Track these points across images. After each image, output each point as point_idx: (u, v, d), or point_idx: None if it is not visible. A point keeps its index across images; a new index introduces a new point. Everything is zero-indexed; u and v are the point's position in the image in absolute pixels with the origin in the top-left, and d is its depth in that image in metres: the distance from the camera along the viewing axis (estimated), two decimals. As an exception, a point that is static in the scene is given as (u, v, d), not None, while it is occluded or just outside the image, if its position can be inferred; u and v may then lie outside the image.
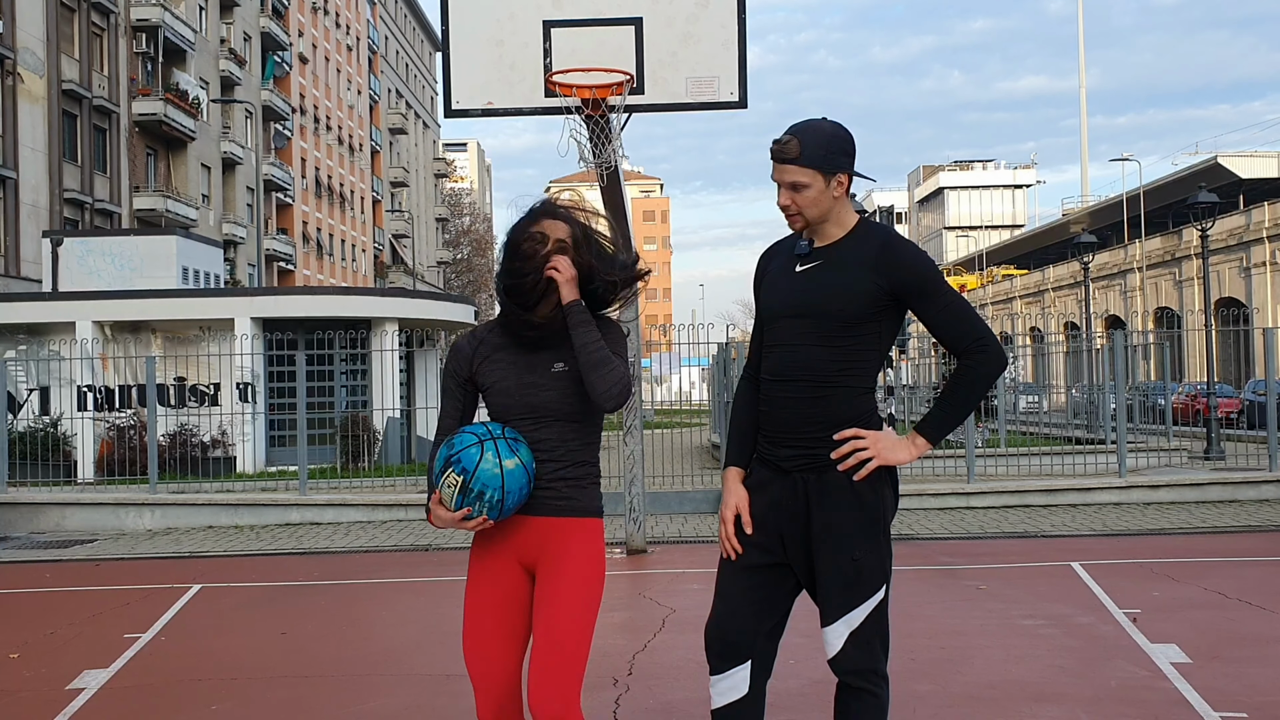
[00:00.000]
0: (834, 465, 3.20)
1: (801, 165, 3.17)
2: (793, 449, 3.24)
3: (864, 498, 3.21)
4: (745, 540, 3.33)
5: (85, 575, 10.59)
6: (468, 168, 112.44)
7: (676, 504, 13.95)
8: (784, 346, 3.24)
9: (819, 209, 3.21)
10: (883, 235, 3.24)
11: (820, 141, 3.19)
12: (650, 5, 9.76)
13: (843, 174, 3.20)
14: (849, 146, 3.23)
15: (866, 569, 3.20)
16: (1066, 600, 7.91)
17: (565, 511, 3.25)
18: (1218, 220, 30.46)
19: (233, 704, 5.81)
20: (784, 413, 3.24)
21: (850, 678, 3.24)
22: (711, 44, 9.80)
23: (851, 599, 3.20)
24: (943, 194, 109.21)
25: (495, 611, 3.27)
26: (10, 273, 33.77)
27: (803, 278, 3.24)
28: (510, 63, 9.77)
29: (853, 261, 3.19)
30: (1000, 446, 19.51)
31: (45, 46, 36.58)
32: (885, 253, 3.18)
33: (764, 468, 3.34)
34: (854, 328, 3.17)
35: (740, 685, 3.31)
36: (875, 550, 3.22)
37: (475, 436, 3.13)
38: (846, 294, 3.16)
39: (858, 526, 3.20)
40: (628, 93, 9.55)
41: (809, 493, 3.22)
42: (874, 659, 3.24)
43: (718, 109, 9.96)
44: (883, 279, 3.15)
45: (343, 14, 68.13)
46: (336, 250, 65.97)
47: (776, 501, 3.27)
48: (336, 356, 18.56)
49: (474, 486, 3.07)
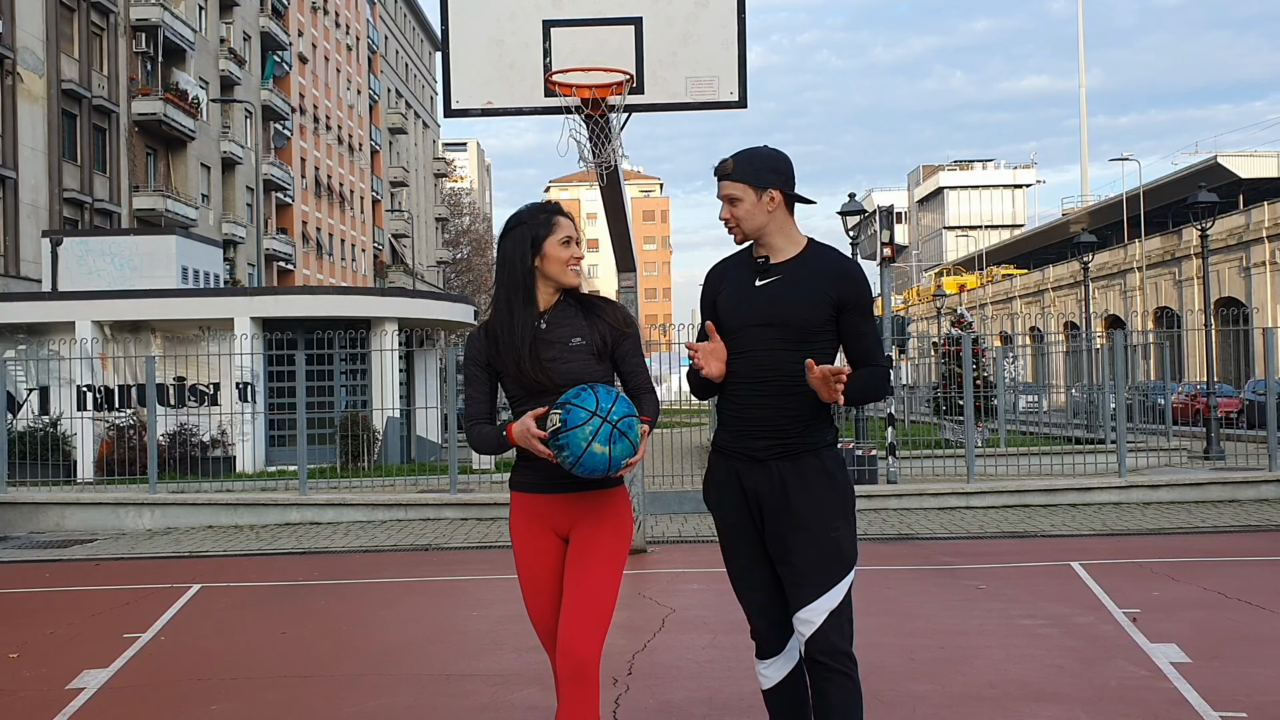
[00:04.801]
0: (806, 452, 3.52)
1: (734, 180, 3.57)
2: (767, 440, 3.53)
3: (836, 478, 3.54)
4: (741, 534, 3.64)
5: (85, 575, 10.59)
6: (467, 168, 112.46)
7: (676, 504, 13.95)
8: (753, 353, 3.54)
9: (754, 222, 3.57)
10: (837, 254, 3.64)
11: (751, 160, 3.59)
12: (650, 5, 9.75)
13: (774, 189, 3.55)
14: (780, 166, 3.59)
15: (844, 546, 3.51)
16: (1066, 600, 7.91)
17: (591, 485, 3.57)
18: (1218, 220, 30.45)
19: (233, 704, 5.81)
20: (755, 410, 3.54)
21: (825, 658, 3.44)
22: (711, 44, 9.79)
23: (830, 576, 3.46)
24: (943, 194, 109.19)
25: (547, 582, 3.64)
26: (10, 272, 33.76)
27: (765, 291, 3.57)
28: (510, 62, 9.76)
29: (811, 276, 3.55)
30: (1000, 446, 19.50)
31: (45, 46, 36.57)
32: (842, 267, 3.57)
33: (732, 460, 3.61)
34: (815, 333, 3.53)
35: (793, 656, 3.64)
36: (849, 528, 3.55)
37: (588, 411, 3.36)
38: (808, 305, 3.51)
39: (835, 504, 3.52)
40: (627, 92, 9.54)
41: (785, 477, 3.51)
42: (846, 640, 3.48)
43: (718, 109, 9.94)
44: (835, 290, 3.52)
45: (342, 14, 68.11)
46: (336, 250, 65.95)
47: (755, 489, 3.55)
48: (336, 356, 18.56)
49: (562, 440, 3.36)
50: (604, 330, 3.62)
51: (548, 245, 3.58)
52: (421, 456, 20.23)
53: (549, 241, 3.58)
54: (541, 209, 3.65)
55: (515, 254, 3.59)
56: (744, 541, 3.62)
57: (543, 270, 3.59)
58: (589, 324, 3.62)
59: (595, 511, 3.59)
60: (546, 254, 3.58)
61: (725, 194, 3.58)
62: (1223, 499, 13.85)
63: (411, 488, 15.48)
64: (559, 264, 3.59)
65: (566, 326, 3.60)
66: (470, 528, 12.86)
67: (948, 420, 22.46)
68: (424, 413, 21.00)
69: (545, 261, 3.59)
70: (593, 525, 3.58)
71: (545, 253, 3.58)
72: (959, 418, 19.93)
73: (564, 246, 3.59)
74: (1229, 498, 13.90)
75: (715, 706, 5.39)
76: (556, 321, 3.61)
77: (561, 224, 3.60)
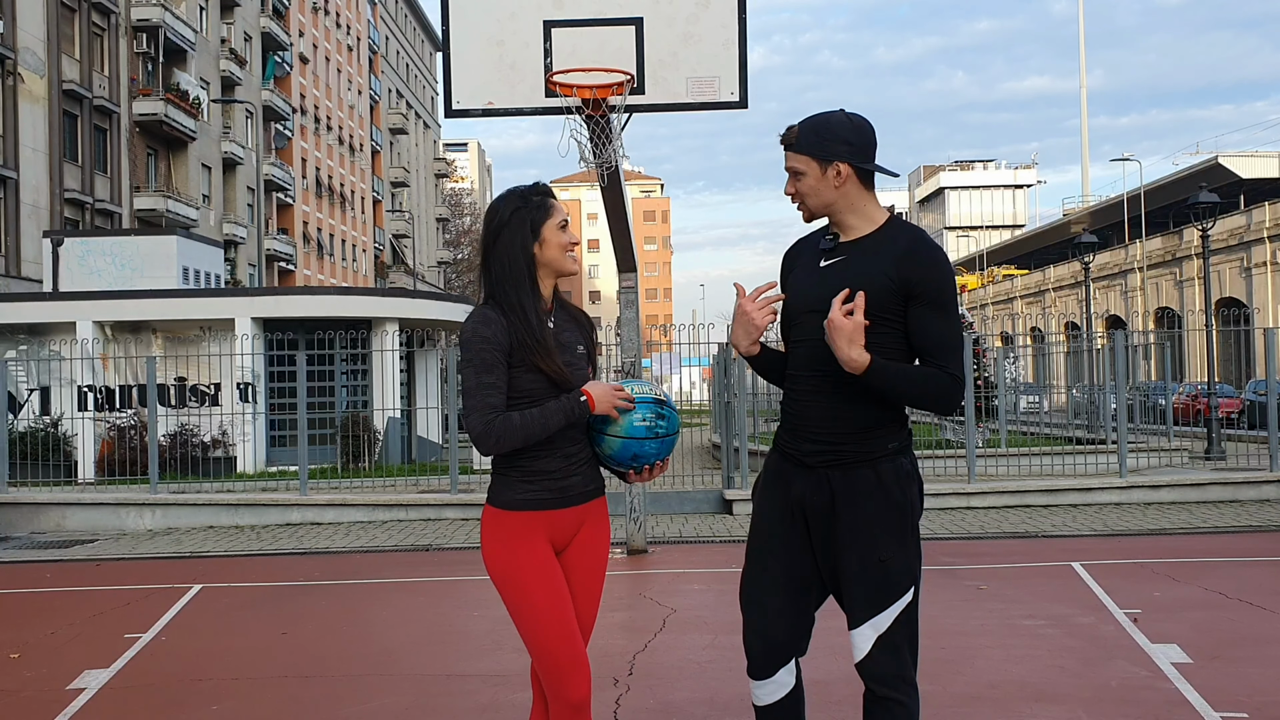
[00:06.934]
0: (861, 462, 3.15)
1: (797, 152, 3.19)
2: (817, 444, 3.19)
3: (891, 495, 3.15)
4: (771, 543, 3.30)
5: (86, 575, 10.59)
6: (468, 168, 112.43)
7: (677, 504, 13.95)
8: (810, 341, 3.19)
9: (818, 198, 3.19)
10: (914, 232, 3.21)
11: (817, 128, 3.18)
12: (651, 5, 9.75)
13: (840, 163, 3.14)
14: (852, 136, 3.16)
15: (895, 570, 3.14)
16: (1067, 600, 7.91)
17: (591, 495, 3.38)
18: (1218, 220, 30.43)
19: (233, 704, 5.81)
20: (810, 408, 3.21)
21: (877, 685, 3.14)
22: (712, 44, 9.79)
23: (879, 601, 3.13)
24: (943, 194, 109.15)
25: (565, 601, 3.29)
26: (11, 273, 33.76)
27: (826, 273, 3.20)
28: (511, 63, 9.77)
29: (876, 255, 3.13)
30: (1001, 446, 19.49)
31: (46, 46, 36.58)
32: (914, 247, 3.13)
33: (784, 461, 3.29)
34: (876, 321, 3.08)
35: (786, 682, 3.31)
36: (903, 550, 3.16)
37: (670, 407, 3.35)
38: (866, 287, 3.09)
39: (886, 525, 3.14)
40: (628, 93, 9.54)
41: (834, 489, 3.17)
42: (902, 665, 3.15)
43: (718, 109, 9.94)
44: (901, 273, 3.09)
45: (343, 14, 68.11)
46: (337, 250, 65.95)
47: (801, 497, 3.22)
48: (337, 356, 18.55)
49: (666, 411, 3.30)
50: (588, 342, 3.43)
51: (546, 230, 3.27)
52: (422, 457, 20.24)
53: (547, 226, 3.27)
54: (534, 191, 3.32)
55: (516, 241, 3.26)
56: (769, 547, 3.28)
57: (541, 258, 3.28)
58: (581, 333, 3.41)
59: (586, 529, 3.37)
60: (545, 239, 3.27)
61: (789, 166, 3.21)
62: (1224, 499, 13.85)
63: (412, 488, 15.47)
64: (558, 250, 3.28)
65: (569, 331, 3.36)
66: (471, 528, 12.85)
67: (948, 420, 22.46)
68: (425, 413, 21.00)
69: (544, 248, 3.27)
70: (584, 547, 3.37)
71: (544, 238, 3.27)
72: (960, 418, 19.91)
73: (562, 231, 3.29)
74: (1230, 498, 13.90)
75: (716, 707, 5.39)
76: (560, 325, 3.35)
77: (556, 207, 3.31)
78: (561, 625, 3.23)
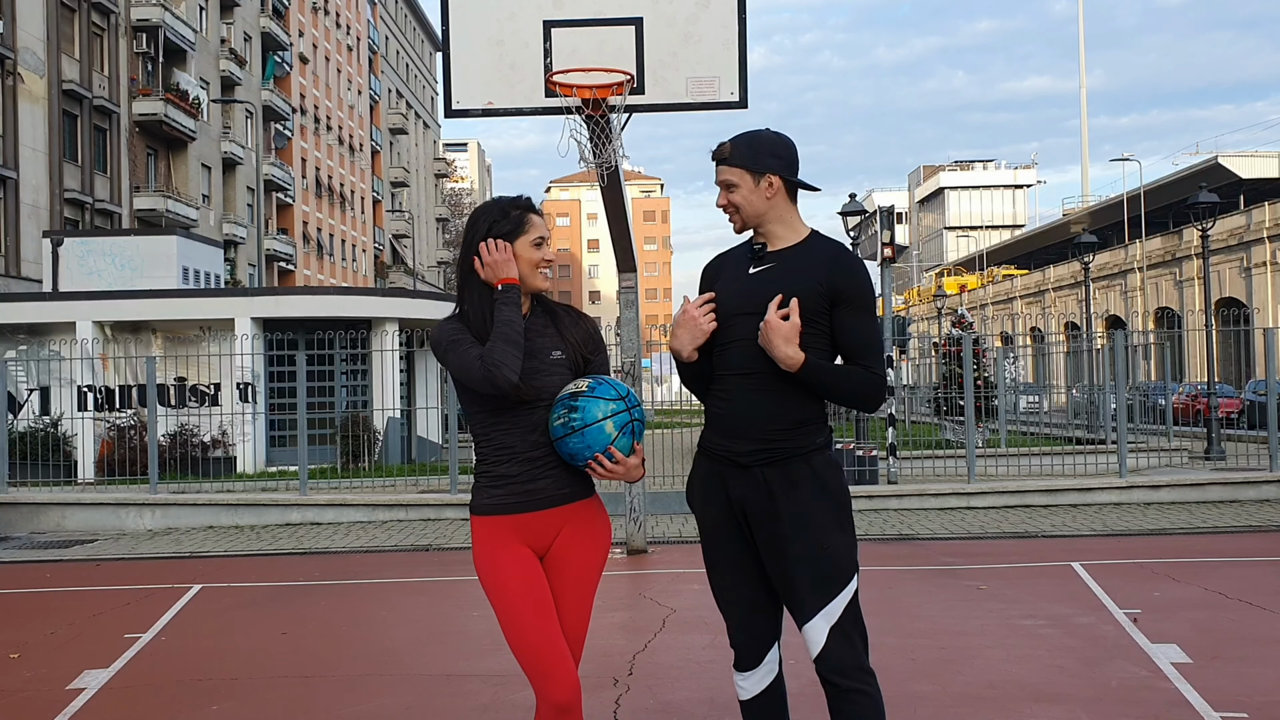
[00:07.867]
0: (794, 457, 3.29)
1: (730, 165, 3.37)
2: (752, 443, 3.31)
3: (828, 484, 3.30)
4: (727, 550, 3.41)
5: (85, 575, 10.59)
6: (468, 168, 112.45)
7: (677, 504, 13.93)
8: (741, 342, 3.34)
9: (751, 208, 3.37)
10: (837, 243, 3.42)
11: (749, 143, 3.38)
12: (651, 5, 9.75)
13: (772, 175, 3.35)
14: (781, 151, 3.38)
15: (840, 557, 3.28)
16: (1067, 600, 7.91)
17: (568, 499, 3.36)
18: (1218, 220, 30.42)
19: (233, 704, 5.81)
20: (743, 407, 3.33)
21: (839, 678, 3.26)
22: (712, 44, 9.79)
23: (828, 590, 3.26)
24: (943, 194, 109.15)
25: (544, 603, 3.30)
26: (10, 273, 33.76)
27: (757, 279, 3.37)
28: (510, 63, 9.77)
29: (805, 264, 3.33)
30: (1000, 446, 19.50)
31: (45, 46, 36.58)
32: (840, 256, 3.35)
33: (715, 463, 3.40)
34: (805, 324, 3.27)
35: (773, 668, 3.45)
36: (845, 537, 3.31)
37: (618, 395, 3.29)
38: (798, 292, 3.28)
39: (826, 512, 3.28)
40: (628, 93, 9.54)
41: (772, 486, 3.29)
42: (858, 654, 3.28)
43: (718, 109, 9.94)
44: (829, 280, 3.29)
45: (343, 14, 68.12)
46: (337, 250, 65.96)
47: (741, 499, 3.33)
48: (337, 357, 18.56)
49: (580, 403, 3.25)
50: (576, 345, 3.42)
51: (518, 245, 3.35)
52: (422, 457, 20.24)
53: (520, 242, 3.35)
54: (514, 204, 3.39)
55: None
56: (725, 552, 3.41)
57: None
58: (561, 336, 3.41)
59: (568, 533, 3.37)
60: (516, 254, 3.34)
61: (721, 179, 3.40)
62: (1223, 499, 13.85)
63: (412, 488, 15.48)
64: (528, 266, 3.35)
65: (544, 338, 3.38)
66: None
67: (948, 420, 22.47)
68: (424, 413, 21.00)
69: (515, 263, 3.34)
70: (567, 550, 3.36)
71: (515, 253, 3.34)
72: (959, 418, 19.93)
73: (535, 248, 3.36)
74: (1230, 498, 13.90)
75: (716, 707, 5.39)
76: (535, 331, 3.37)
77: (534, 223, 3.37)
78: (541, 627, 3.26)
